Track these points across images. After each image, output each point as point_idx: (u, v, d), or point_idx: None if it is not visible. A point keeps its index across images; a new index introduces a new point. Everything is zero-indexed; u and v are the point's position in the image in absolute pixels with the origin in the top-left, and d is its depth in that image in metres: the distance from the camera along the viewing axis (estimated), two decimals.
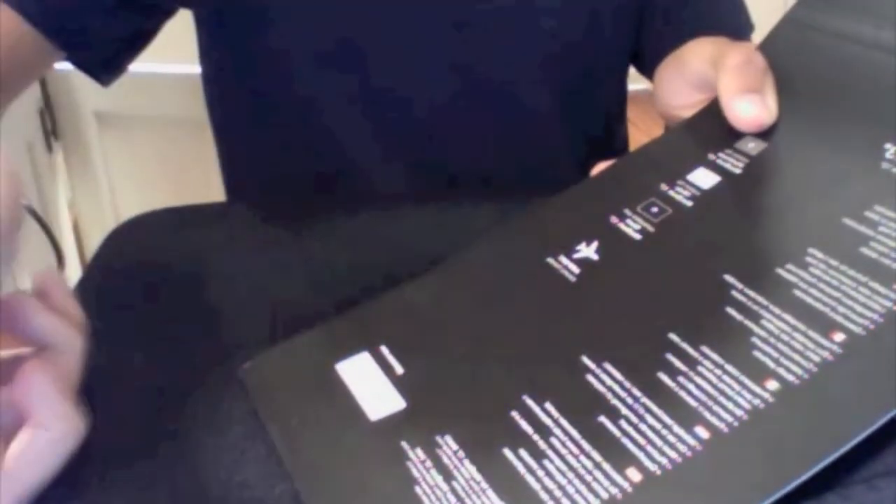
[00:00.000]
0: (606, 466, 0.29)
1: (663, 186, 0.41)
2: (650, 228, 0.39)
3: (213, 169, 0.77)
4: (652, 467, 0.29)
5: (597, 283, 0.37)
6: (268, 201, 0.57)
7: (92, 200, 1.53)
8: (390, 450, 0.32)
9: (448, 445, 0.31)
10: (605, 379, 0.32)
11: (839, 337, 0.31)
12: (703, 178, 0.41)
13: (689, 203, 0.40)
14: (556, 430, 0.31)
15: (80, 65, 0.64)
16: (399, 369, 0.35)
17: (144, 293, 0.43)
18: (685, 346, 0.33)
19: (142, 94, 1.34)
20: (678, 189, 0.41)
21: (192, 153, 1.29)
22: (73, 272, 1.45)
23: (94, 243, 1.56)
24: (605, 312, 0.36)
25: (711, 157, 0.42)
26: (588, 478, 0.29)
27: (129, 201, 1.50)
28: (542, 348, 0.35)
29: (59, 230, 1.46)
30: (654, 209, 0.40)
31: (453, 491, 0.30)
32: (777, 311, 0.33)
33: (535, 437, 0.31)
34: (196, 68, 0.72)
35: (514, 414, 0.32)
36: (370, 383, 0.35)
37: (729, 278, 0.35)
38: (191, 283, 0.43)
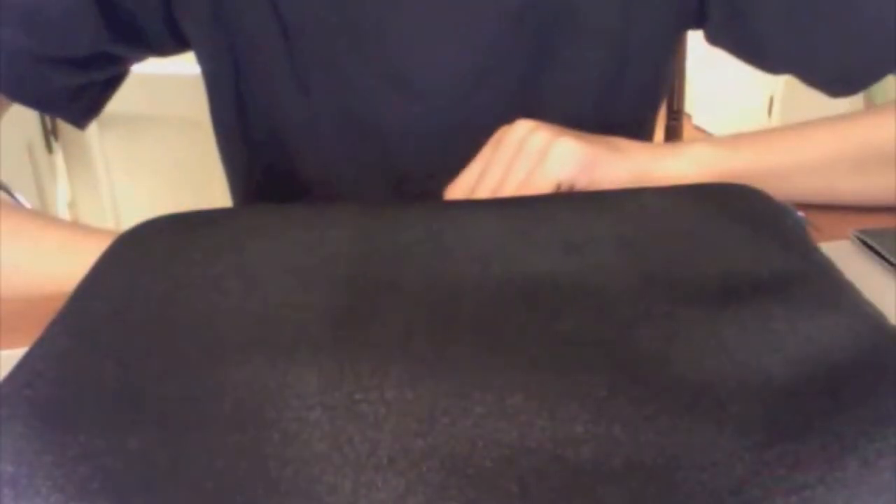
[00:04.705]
0: None
1: None
2: None
3: (214, 169, 0.77)
4: None
5: None
6: (269, 203, 0.57)
7: (92, 200, 1.52)
8: None
9: None
10: None
11: None
12: None
13: None
14: None
15: (59, 116, 0.66)
16: None
17: (146, 298, 0.43)
18: None
19: (142, 94, 1.34)
20: None
21: (192, 153, 1.28)
22: None
23: None
24: None
25: None
26: None
27: (128, 201, 1.50)
28: None
29: None
30: None
31: None
32: None
33: None
34: (196, 68, 0.72)
35: None
36: None
37: None
38: (192, 289, 0.43)
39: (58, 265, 0.54)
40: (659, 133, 0.71)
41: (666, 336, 0.38)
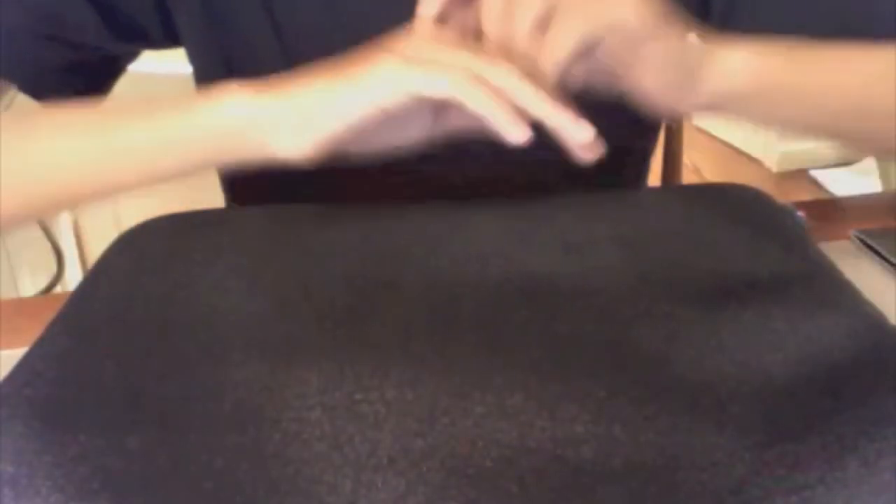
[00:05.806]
0: None
1: None
2: None
3: (213, 169, 0.77)
4: None
5: None
6: (267, 205, 0.57)
7: None
8: None
9: None
10: None
11: None
12: None
13: None
14: None
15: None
16: None
17: (146, 299, 0.43)
18: None
19: (141, 95, 1.34)
20: None
21: None
22: (74, 274, 1.45)
23: (94, 245, 1.55)
24: None
25: None
26: None
27: (128, 203, 1.50)
28: None
29: (60, 232, 1.46)
30: None
31: None
32: None
33: None
34: None
35: None
36: None
37: None
38: (192, 290, 0.43)
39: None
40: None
41: (666, 336, 0.38)
